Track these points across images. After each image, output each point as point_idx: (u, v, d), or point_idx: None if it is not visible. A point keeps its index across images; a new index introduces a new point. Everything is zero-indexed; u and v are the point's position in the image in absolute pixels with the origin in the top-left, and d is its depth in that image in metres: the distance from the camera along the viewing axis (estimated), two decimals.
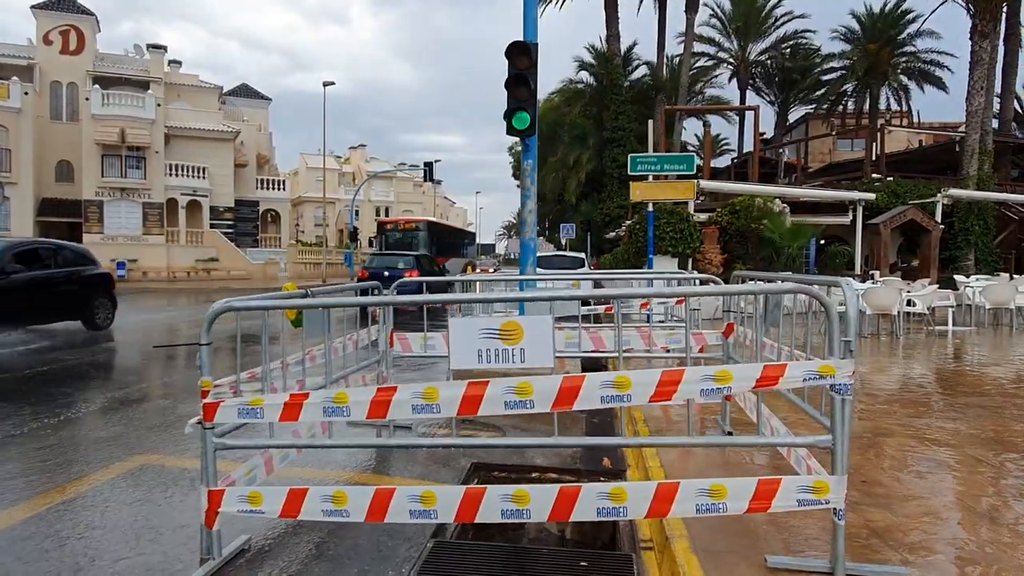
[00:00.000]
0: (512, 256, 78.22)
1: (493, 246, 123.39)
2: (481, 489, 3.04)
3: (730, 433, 5.07)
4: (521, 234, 7.66)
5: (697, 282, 6.45)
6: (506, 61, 7.28)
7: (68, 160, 36.07)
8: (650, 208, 14.89)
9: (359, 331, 5.23)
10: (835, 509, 2.89)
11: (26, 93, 33.42)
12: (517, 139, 36.47)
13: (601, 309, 8.19)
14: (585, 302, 8.91)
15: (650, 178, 14.83)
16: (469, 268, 25.03)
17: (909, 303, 12.59)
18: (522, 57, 7.27)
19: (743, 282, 5.09)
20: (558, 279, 7.38)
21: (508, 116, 7.30)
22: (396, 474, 4.74)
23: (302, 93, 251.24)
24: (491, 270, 39.74)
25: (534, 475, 5.09)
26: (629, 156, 14.76)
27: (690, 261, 17.56)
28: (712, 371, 2.91)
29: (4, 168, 32.86)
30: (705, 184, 19.00)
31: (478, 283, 7.55)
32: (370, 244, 43.29)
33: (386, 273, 23.85)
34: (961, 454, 4.83)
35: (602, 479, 5.11)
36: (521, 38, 7.50)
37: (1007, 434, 5.35)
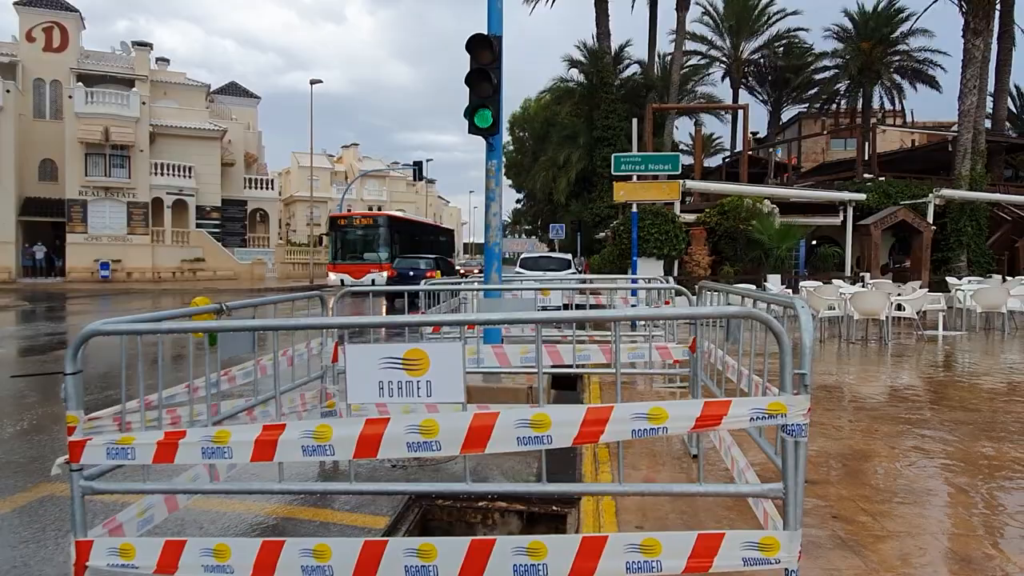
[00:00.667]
0: (507, 255, 77.90)
1: None
2: (416, 544, 2.63)
3: (695, 456, 4.68)
4: (485, 240, 7.24)
5: (669, 290, 6.04)
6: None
7: (52, 159, 35.51)
8: (634, 209, 14.49)
9: (295, 346, 4.82)
10: (787, 570, 2.49)
11: (8, 91, 32.83)
12: (509, 138, 35.88)
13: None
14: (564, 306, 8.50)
15: (634, 178, 14.44)
16: (436, 273, 22.96)
17: (898, 307, 12.21)
18: (484, 51, 6.85)
19: (692, 293, 4.70)
20: (524, 288, 6.99)
21: (469, 114, 6.89)
22: (333, 502, 4.32)
23: (298, 92, 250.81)
24: (476, 271, 38.17)
25: (481, 504, 4.69)
26: (613, 156, 14.38)
27: (676, 263, 17.18)
28: (646, 409, 2.50)
29: None
30: (691, 184, 18.63)
31: (425, 292, 7.07)
32: (319, 242, 37.72)
33: (411, 273, 23.48)
34: (947, 482, 4.44)
35: (555, 508, 4.74)
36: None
37: (997, 458, 4.96)
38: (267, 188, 44.79)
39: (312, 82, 35.21)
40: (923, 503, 4.05)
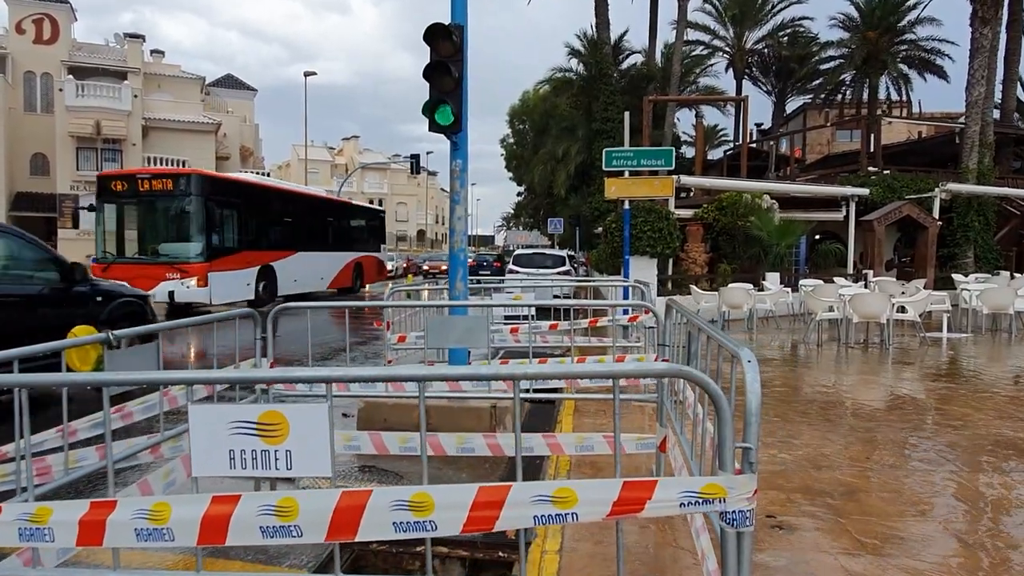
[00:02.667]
0: (511, 248, 77.28)
1: (492, 238, 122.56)
2: None
3: None
4: (449, 245, 6.72)
5: (629, 290, 5.53)
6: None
7: (43, 153, 35.11)
8: (626, 206, 13.94)
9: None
10: None
11: None
12: (509, 131, 34.81)
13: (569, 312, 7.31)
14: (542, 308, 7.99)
15: (626, 174, 13.89)
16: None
17: (900, 309, 11.65)
18: (444, 42, 6.30)
19: (637, 311, 4.19)
20: (486, 304, 6.48)
21: (429, 110, 6.33)
22: (239, 552, 3.83)
23: (301, 84, 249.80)
24: (442, 267, 34.90)
25: (419, 549, 4.20)
26: (604, 150, 13.82)
27: (670, 261, 16.62)
28: (550, 490, 2.00)
29: None
30: (685, 180, 18.05)
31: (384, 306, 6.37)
32: (74, 219, 26.16)
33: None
34: (943, 525, 3.92)
35: (501, 553, 4.25)
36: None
37: (1001, 498, 4.44)
38: None
39: (306, 74, 34.69)
40: (917, 555, 3.53)
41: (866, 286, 15.21)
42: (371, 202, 75.50)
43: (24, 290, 7.02)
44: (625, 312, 7.59)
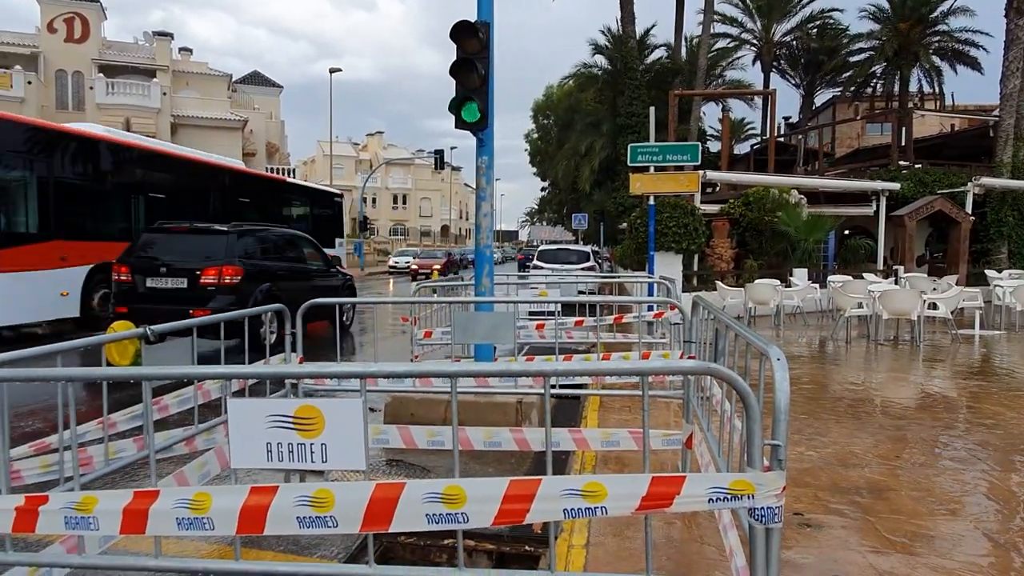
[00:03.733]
0: (535, 243, 77.10)
1: (516, 233, 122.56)
2: None
3: None
4: (476, 242, 6.75)
5: (655, 286, 5.53)
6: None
7: None
8: (651, 201, 13.87)
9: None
10: None
11: (29, 82, 33.10)
12: (533, 126, 34.81)
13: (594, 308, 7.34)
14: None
15: (651, 169, 13.82)
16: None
17: (931, 306, 11.47)
18: (471, 39, 6.33)
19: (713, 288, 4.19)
20: (511, 301, 6.49)
21: (456, 107, 6.38)
22: (271, 542, 3.91)
23: (327, 80, 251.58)
24: (434, 266, 32.52)
25: (447, 542, 4.26)
26: (629, 146, 13.77)
27: (696, 257, 16.50)
28: (580, 484, 2.03)
29: None
30: (712, 175, 17.88)
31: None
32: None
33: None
34: (974, 524, 3.87)
35: (528, 547, 4.29)
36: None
37: None
38: (289, 178, 44.73)
39: (331, 70, 34.97)
40: (947, 554, 3.50)
41: (896, 282, 14.98)
42: (395, 198, 76.10)
43: (315, 268, 12.20)
44: (650, 308, 7.58)
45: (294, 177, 45.43)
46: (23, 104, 32.97)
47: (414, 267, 33.77)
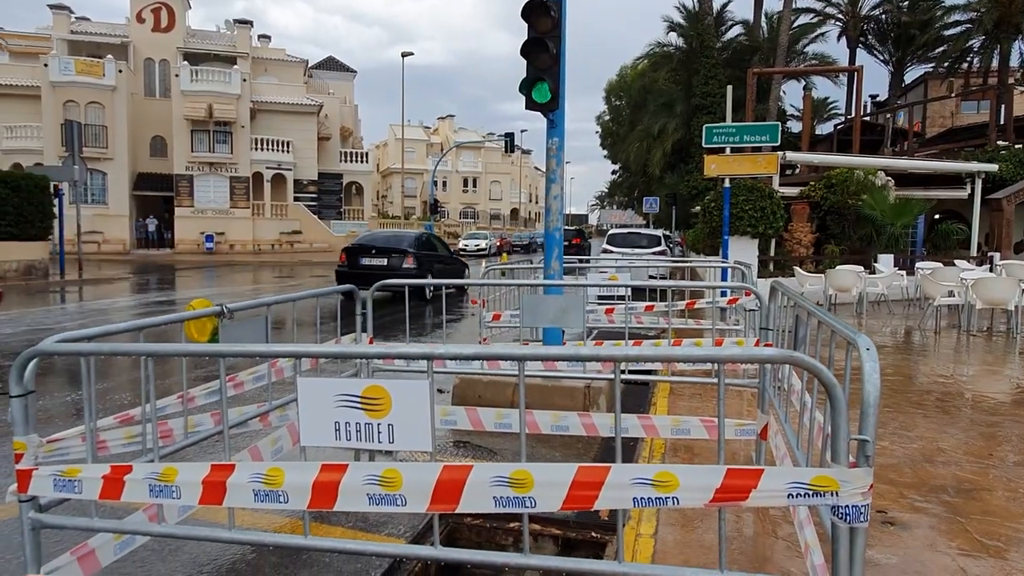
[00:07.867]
0: (605, 228, 76.27)
1: (586, 217, 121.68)
2: None
3: None
4: (545, 225, 6.70)
5: (728, 271, 5.34)
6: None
7: (161, 135, 37.52)
8: (726, 184, 13.44)
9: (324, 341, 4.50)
10: None
11: (120, 71, 34.75)
12: (605, 107, 34.61)
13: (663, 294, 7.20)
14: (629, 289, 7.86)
15: (727, 151, 13.40)
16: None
17: None
18: (543, 18, 6.23)
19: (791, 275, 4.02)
20: (579, 284, 6.41)
21: (527, 88, 6.31)
22: (339, 518, 3.99)
23: (400, 65, 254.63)
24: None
25: (512, 526, 4.25)
26: (704, 127, 13.38)
27: (773, 242, 15.94)
28: (651, 473, 1.97)
29: (101, 144, 34.46)
30: (792, 156, 17.18)
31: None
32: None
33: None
34: None
35: (594, 535, 4.24)
36: None
37: None
38: (362, 161, 45.61)
39: (403, 55, 35.34)
40: None
41: (991, 270, 14.08)
42: (465, 181, 76.72)
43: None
44: (724, 294, 7.36)
45: (367, 161, 46.20)
46: (115, 92, 34.76)
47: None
